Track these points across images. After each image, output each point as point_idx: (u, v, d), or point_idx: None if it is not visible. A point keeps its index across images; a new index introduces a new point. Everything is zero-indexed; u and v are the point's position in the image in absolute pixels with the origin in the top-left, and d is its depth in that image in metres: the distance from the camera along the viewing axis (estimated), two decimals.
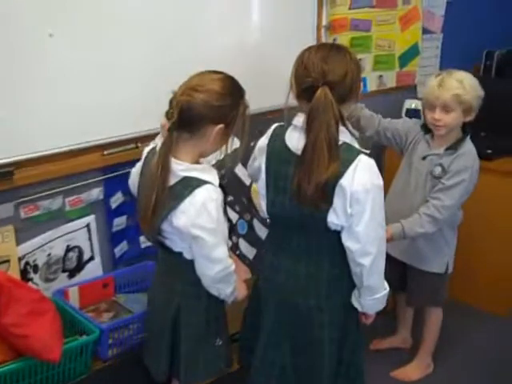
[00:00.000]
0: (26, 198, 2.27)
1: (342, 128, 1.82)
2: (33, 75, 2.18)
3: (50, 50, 2.21)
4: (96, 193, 2.50)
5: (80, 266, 2.54)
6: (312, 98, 1.78)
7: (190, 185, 1.82)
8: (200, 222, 1.81)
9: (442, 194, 2.53)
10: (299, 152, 1.83)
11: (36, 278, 2.40)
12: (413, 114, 3.58)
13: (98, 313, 2.49)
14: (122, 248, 2.64)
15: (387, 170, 3.62)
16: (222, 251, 1.89)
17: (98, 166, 2.46)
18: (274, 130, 2.01)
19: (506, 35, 4.04)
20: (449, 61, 3.92)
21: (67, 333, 2.24)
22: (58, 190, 2.36)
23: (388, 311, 3.21)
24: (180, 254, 1.93)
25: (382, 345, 3.13)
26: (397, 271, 2.81)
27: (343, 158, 1.80)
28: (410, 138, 2.72)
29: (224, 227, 1.92)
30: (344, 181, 1.79)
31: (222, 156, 1.98)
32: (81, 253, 2.53)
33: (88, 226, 2.51)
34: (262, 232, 2.34)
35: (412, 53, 3.75)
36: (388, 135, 2.76)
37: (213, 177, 1.87)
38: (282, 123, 2.02)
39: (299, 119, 1.88)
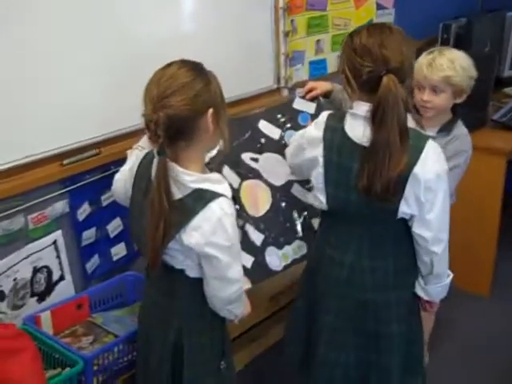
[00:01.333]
0: None
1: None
2: None
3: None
4: (61, 206, 2.27)
5: (50, 287, 2.31)
6: (375, 89, 1.69)
7: (202, 198, 1.61)
8: (215, 240, 1.60)
9: None
10: (365, 143, 1.75)
11: (3, 306, 2.16)
12: None
13: (76, 337, 2.27)
14: (93, 263, 2.43)
15: None
16: (237, 270, 1.70)
17: (59, 178, 2.23)
18: (328, 118, 1.88)
19: (461, 6, 3.98)
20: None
21: (45, 365, 2.01)
22: (17, 208, 2.12)
23: None
24: (182, 271, 1.72)
25: None
26: None
27: (413, 146, 1.73)
28: None
29: (238, 244, 1.73)
30: (417, 169, 1.73)
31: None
32: (50, 273, 2.29)
33: (55, 242, 2.28)
34: (255, 236, 2.16)
35: None
36: None
37: (226, 188, 1.65)
38: (332, 111, 1.94)
39: (362, 108, 1.77)
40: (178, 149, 1.61)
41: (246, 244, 2.11)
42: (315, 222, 2.27)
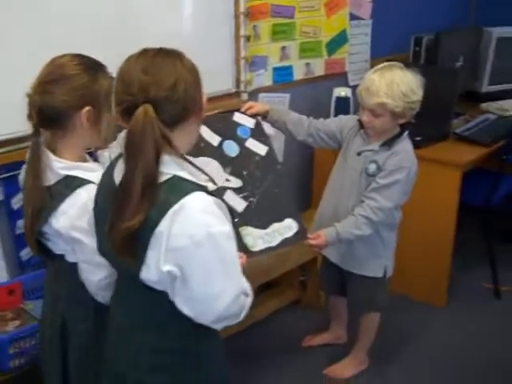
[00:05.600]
0: None
1: (167, 157, 1.43)
2: None
3: None
4: None
5: None
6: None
7: (71, 184, 1.66)
8: (80, 224, 1.65)
9: (377, 193, 2.39)
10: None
11: None
12: (343, 102, 3.50)
13: (4, 321, 2.32)
14: (28, 251, 2.47)
15: (318, 169, 3.57)
16: None
17: None
18: (114, 159, 1.61)
19: (433, 20, 3.99)
20: (380, 48, 3.88)
21: None
22: None
23: (321, 309, 3.19)
24: (62, 256, 1.76)
25: (315, 341, 3.02)
26: (335, 276, 2.73)
27: (164, 199, 1.40)
28: (345, 133, 2.55)
29: None
30: (161, 229, 1.40)
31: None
32: None
33: None
34: None
35: (340, 40, 3.66)
36: (322, 135, 2.56)
37: (97, 176, 1.66)
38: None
39: None
40: (55, 137, 1.68)
41: None
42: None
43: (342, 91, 3.53)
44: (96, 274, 1.71)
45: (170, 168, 1.43)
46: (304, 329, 3.14)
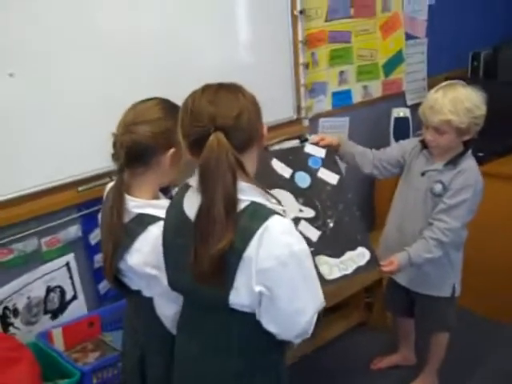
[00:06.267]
0: None
1: (243, 184, 1.50)
2: None
3: (10, 90, 2.18)
4: (73, 230, 2.45)
5: (63, 306, 2.49)
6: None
7: (143, 222, 1.75)
8: (154, 260, 1.73)
9: (445, 215, 2.40)
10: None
11: (17, 322, 2.36)
12: (401, 122, 3.52)
13: (85, 353, 2.44)
14: (106, 285, 2.58)
15: (379, 189, 3.58)
16: None
17: (73, 203, 2.41)
18: (175, 193, 1.71)
19: (490, 34, 3.97)
20: (436, 65, 3.88)
21: (51, 377, 2.20)
22: (31, 231, 2.32)
23: (387, 331, 3.20)
24: (138, 291, 1.84)
25: (383, 363, 3.03)
26: (402, 297, 2.75)
27: (245, 226, 1.47)
28: (407, 156, 2.57)
29: None
30: (248, 253, 1.47)
31: None
32: (63, 293, 2.48)
33: (68, 264, 2.47)
34: None
35: (396, 60, 3.69)
36: (385, 165, 2.58)
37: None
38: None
39: (195, 178, 1.52)
40: (134, 174, 1.77)
41: None
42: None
43: (400, 112, 3.55)
44: (171, 308, 1.79)
45: (247, 194, 1.51)
46: (371, 351, 3.16)
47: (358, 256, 2.30)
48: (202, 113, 1.48)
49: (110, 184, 1.94)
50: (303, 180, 2.34)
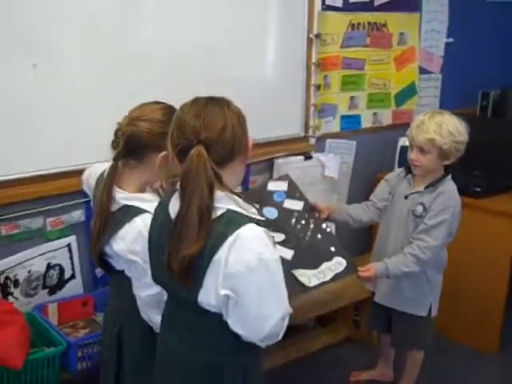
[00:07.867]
0: (6, 216, 2.43)
1: (220, 193, 1.60)
2: (13, 101, 2.38)
3: (32, 80, 2.40)
4: (77, 215, 2.64)
5: (61, 283, 2.67)
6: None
7: (129, 213, 1.91)
8: (136, 248, 1.88)
9: (425, 234, 2.55)
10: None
11: (16, 292, 2.55)
12: (407, 151, 3.64)
13: (75, 329, 2.61)
14: None
15: None
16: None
17: (79, 189, 2.59)
18: (166, 196, 1.83)
19: (500, 76, 4.09)
20: (448, 101, 4.01)
21: (41, 346, 2.38)
22: (38, 209, 2.52)
23: (372, 347, 3.30)
24: (122, 271, 2.00)
25: (361, 376, 3.14)
26: (382, 314, 2.87)
27: (220, 231, 1.57)
28: (393, 184, 2.76)
29: None
30: (219, 257, 1.57)
31: None
32: (62, 271, 2.66)
33: (69, 245, 2.65)
34: None
35: (409, 92, 3.84)
36: (379, 206, 2.76)
37: (152, 206, 1.88)
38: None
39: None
40: (127, 166, 1.94)
41: None
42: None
43: (406, 141, 3.67)
44: (143, 291, 1.93)
45: (224, 203, 1.61)
46: (353, 364, 3.26)
47: (335, 265, 2.44)
48: (188, 126, 1.59)
49: (106, 164, 2.07)
50: (271, 213, 2.50)
